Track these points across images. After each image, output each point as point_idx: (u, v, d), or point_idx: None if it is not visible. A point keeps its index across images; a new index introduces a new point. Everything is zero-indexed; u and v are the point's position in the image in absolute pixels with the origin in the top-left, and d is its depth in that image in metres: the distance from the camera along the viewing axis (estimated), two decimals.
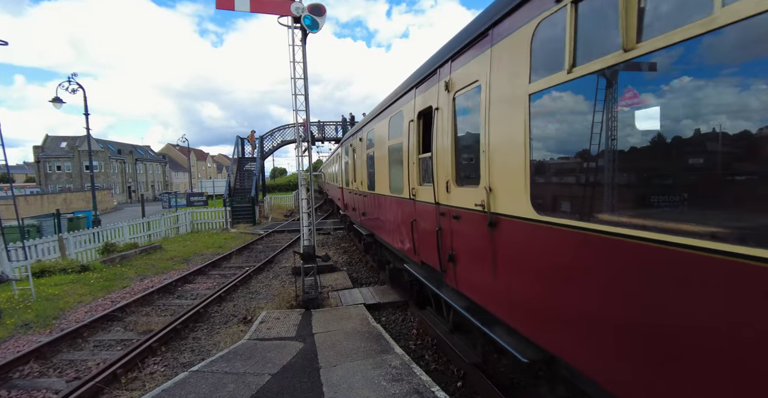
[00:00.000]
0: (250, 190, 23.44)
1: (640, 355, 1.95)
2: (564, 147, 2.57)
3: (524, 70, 2.74)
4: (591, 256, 2.22)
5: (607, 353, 2.16)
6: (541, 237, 2.60)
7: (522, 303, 2.91)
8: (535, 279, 2.71)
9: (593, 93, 2.21)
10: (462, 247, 3.89)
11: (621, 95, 2.10)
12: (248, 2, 6.96)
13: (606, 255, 2.11)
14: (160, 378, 5.06)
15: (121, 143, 71.40)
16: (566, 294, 2.42)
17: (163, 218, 18.27)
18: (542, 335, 2.73)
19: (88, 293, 8.99)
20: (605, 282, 2.13)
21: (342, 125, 29.67)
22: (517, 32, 2.84)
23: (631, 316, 1.99)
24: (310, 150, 8.45)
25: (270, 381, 4.32)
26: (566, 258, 2.41)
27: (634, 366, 1.99)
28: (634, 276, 1.95)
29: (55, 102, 16.48)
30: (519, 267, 2.92)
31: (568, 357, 2.46)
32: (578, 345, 2.37)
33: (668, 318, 1.80)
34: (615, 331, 2.09)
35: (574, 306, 2.36)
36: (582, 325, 2.32)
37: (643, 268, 1.90)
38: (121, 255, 12.56)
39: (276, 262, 12.01)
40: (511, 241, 2.98)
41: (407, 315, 6.83)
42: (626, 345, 2.03)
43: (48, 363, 5.65)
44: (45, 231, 15.47)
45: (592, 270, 2.22)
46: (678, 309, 1.76)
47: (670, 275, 1.78)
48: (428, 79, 4.63)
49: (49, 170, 58.30)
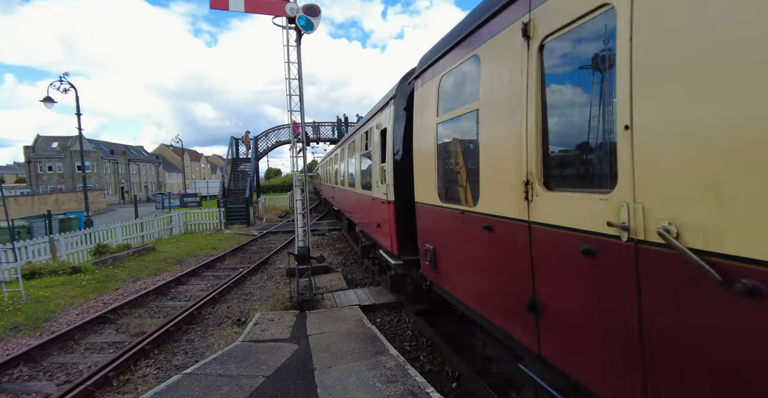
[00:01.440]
0: (245, 190, 23.32)
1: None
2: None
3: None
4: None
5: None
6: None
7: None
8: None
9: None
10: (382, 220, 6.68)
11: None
12: (243, 2, 6.92)
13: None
14: (152, 381, 5.00)
15: (113, 143, 70.78)
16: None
17: (157, 219, 18.12)
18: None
19: (79, 295, 8.89)
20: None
21: (337, 126, 29.70)
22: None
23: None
24: (305, 151, 8.43)
25: (264, 383, 4.29)
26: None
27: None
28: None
29: (47, 102, 16.31)
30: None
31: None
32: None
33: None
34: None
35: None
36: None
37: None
38: (113, 257, 12.43)
39: (270, 263, 11.95)
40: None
41: (402, 316, 6.83)
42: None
43: (38, 366, 5.57)
44: (36, 232, 15.26)
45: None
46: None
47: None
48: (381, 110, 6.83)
49: (40, 170, 57.64)
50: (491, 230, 3.03)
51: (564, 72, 2.43)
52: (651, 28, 1.70)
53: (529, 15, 2.52)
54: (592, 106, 2.21)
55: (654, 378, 1.74)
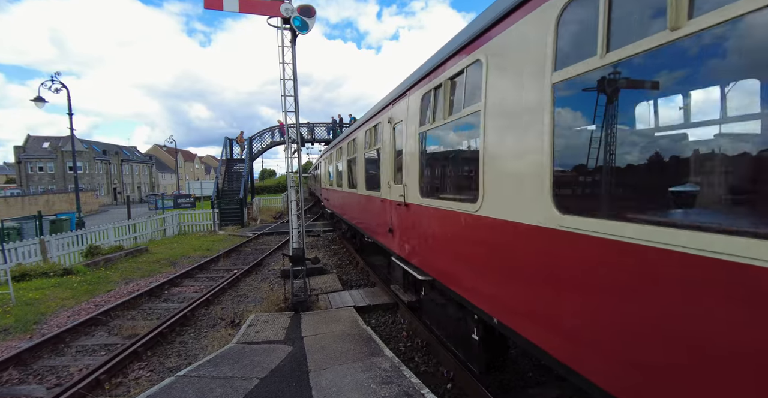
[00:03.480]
0: (239, 191, 23.21)
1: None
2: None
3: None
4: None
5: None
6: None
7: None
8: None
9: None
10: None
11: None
12: (237, 3, 6.90)
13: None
14: (145, 384, 4.95)
15: (106, 144, 70.14)
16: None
17: (150, 220, 17.96)
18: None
19: (71, 297, 8.78)
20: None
21: (332, 127, 29.73)
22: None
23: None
24: (299, 151, 8.41)
25: (258, 385, 4.27)
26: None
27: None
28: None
29: (38, 101, 16.13)
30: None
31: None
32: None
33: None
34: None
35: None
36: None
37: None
38: (105, 258, 12.30)
39: (265, 265, 11.89)
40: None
41: (397, 317, 6.82)
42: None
43: (28, 369, 5.49)
44: (26, 233, 15.05)
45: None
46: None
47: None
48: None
49: (31, 171, 56.95)
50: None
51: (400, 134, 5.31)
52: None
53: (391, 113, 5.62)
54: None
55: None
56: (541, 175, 2.51)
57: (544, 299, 2.56)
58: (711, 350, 1.61)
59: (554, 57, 2.43)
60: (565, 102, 2.44)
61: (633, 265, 1.92)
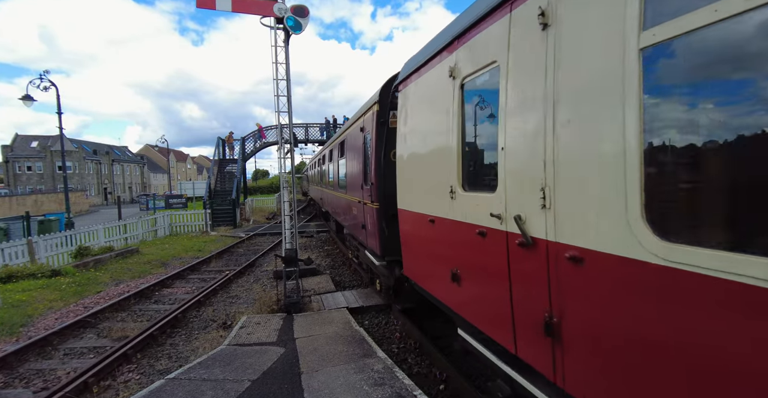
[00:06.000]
0: (231, 192, 23.05)
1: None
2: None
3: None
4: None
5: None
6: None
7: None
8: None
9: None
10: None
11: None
12: (230, 2, 6.86)
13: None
14: (134, 387, 4.88)
15: (96, 143, 69.28)
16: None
17: (141, 221, 17.75)
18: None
19: (59, 299, 8.64)
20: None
21: (326, 127, 29.69)
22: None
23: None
24: (292, 152, 8.38)
25: (250, 387, 4.23)
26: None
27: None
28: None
29: (26, 100, 15.88)
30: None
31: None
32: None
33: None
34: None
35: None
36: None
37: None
38: (95, 259, 12.13)
39: (257, 266, 11.81)
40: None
41: (390, 318, 6.81)
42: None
43: (14, 373, 5.39)
44: (13, 234, 14.79)
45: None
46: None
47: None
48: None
49: (19, 170, 56.09)
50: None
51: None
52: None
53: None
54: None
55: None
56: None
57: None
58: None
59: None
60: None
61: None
